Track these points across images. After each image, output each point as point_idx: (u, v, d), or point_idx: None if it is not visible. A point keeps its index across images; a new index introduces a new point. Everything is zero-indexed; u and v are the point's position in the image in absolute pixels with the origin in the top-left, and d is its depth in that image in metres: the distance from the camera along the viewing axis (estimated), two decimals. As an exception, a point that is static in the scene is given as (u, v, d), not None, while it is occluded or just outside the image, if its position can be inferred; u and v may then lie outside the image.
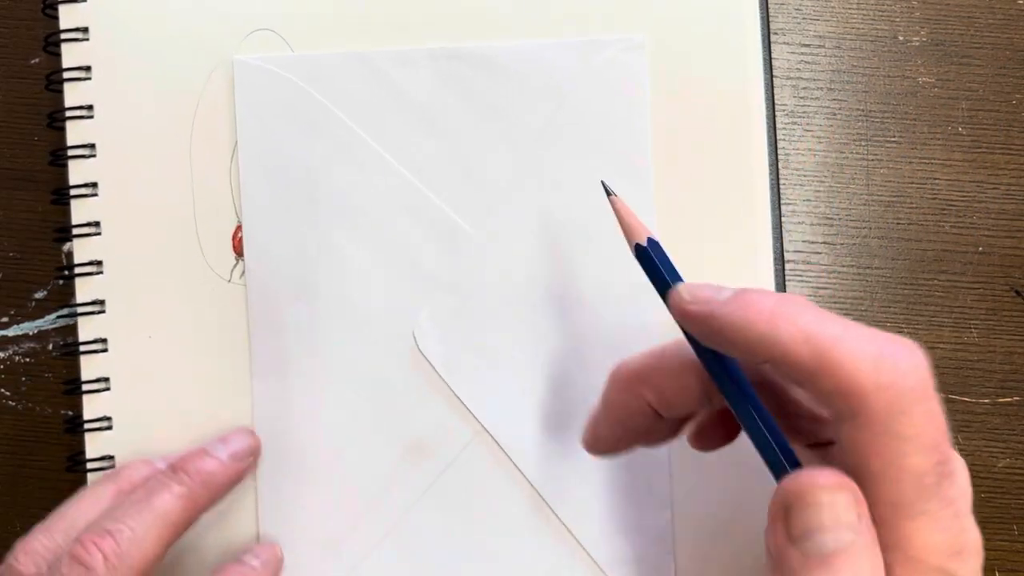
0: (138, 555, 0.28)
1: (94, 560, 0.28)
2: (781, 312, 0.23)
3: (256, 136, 0.35)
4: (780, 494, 0.23)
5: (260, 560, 0.33)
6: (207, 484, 0.31)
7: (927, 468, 0.22)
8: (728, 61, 0.35)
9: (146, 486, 0.30)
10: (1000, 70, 0.36)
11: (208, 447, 0.32)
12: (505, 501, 0.34)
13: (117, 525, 0.29)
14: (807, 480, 0.23)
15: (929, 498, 0.22)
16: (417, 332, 0.34)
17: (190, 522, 0.31)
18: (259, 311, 0.34)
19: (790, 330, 0.22)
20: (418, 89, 0.35)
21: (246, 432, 0.34)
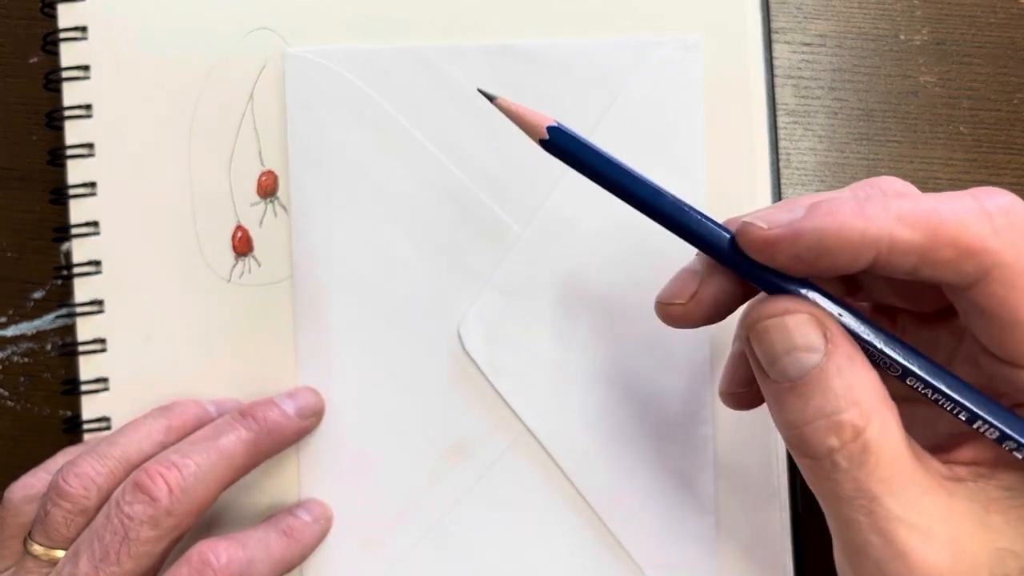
0: (200, 491, 0.29)
1: (159, 490, 0.28)
2: (868, 204, 0.21)
3: (305, 130, 0.35)
4: (741, 327, 0.23)
5: (312, 515, 0.33)
6: (272, 433, 0.31)
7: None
8: (729, 60, 0.34)
9: (214, 426, 0.31)
10: (1002, 69, 0.36)
11: (276, 399, 0.33)
12: (546, 502, 0.34)
13: (184, 459, 0.29)
14: (759, 307, 0.23)
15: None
16: (463, 331, 0.34)
17: (251, 468, 0.31)
18: (305, 306, 0.34)
19: (886, 218, 0.21)
20: (470, 85, 0.34)
21: (312, 391, 0.34)
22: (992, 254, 0.21)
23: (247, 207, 0.35)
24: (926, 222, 0.21)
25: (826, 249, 0.22)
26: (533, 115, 0.25)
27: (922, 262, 0.21)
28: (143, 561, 0.28)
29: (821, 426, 0.21)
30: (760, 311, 0.23)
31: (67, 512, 0.29)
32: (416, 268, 0.34)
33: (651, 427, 0.34)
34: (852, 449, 0.21)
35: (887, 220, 0.21)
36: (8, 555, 0.30)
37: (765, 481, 0.34)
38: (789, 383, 0.22)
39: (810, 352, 0.22)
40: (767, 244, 0.22)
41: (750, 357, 0.23)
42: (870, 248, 0.21)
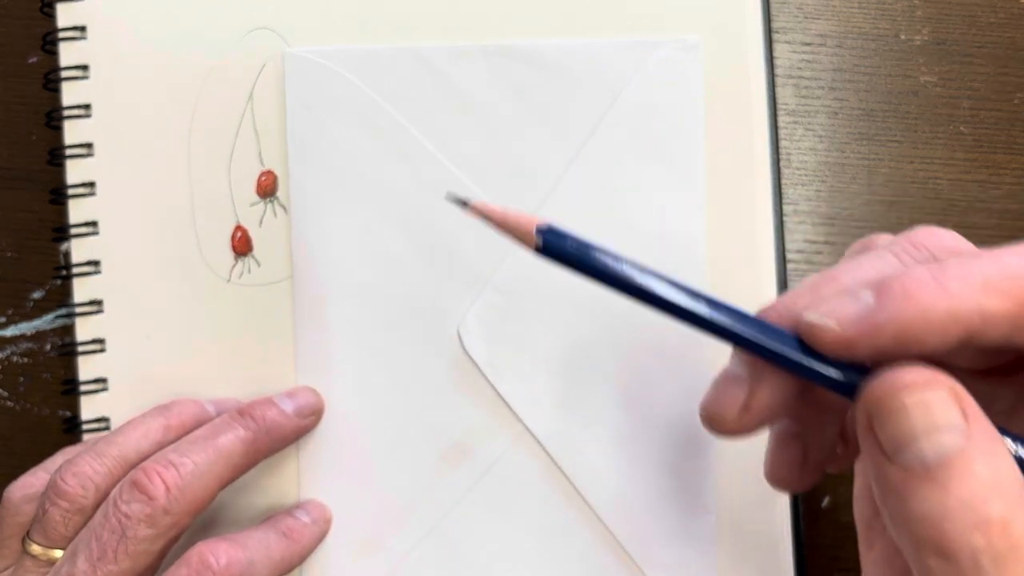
0: (198, 490, 0.29)
1: (156, 489, 0.28)
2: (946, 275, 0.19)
3: (305, 130, 0.35)
4: (862, 404, 0.20)
5: (311, 517, 0.33)
6: (271, 432, 0.31)
7: None
8: (729, 60, 0.34)
9: (212, 425, 0.31)
10: (1002, 69, 0.36)
11: (275, 398, 0.32)
12: (546, 503, 0.34)
13: (182, 458, 0.29)
14: (889, 382, 0.19)
15: None
16: (463, 331, 0.34)
17: (249, 467, 0.31)
18: (304, 307, 0.34)
19: (969, 290, 0.19)
20: (470, 85, 0.34)
21: (311, 390, 0.34)
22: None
23: (247, 207, 0.35)
24: (1013, 288, 0.19)
25: (913, 338, 0.19)
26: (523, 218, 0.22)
27: (1015, 330, 0.19)
28: (141, 560, 0.28)
29: (966, 521, 0.18)
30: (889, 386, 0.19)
31: (65, 511, 0.29)
32: (416, 268, 0.34)
33: (651, 427, 0.34)
34: (999, 547, 0.18)
35: (973, 292, 0.19)
36: (7, 555, 0.30)
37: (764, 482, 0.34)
38: (924, 471, 0.18)
39: (952, 433, 0.19)
40: (844, 346, 0.20)
41: (864, 439, 0.20)
42: (960, 327, 0.19)
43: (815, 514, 0.34)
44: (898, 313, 0.19)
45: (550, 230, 0.21)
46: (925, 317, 0.19)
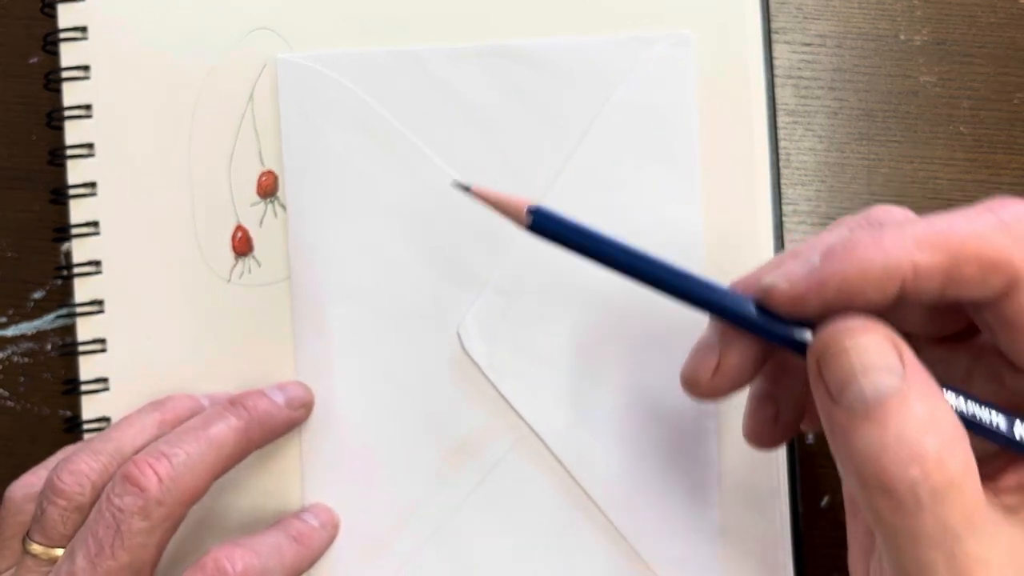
0: (190, 480, 0.29)
1: (148, 481, 0.28)
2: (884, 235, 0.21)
3: (300, 134, 0.35)
4: (810, 350, 0.22)
5: (319, 521, 0.33)
6: (262, 422, 0.31)
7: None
8: (728, 60, 0.34)
9: (203, 416, 0.31)
10: (1002, 69, 0.36)
11: (266, 390, 0.33)
12: (551, 501, 0.34)
13: (173, 449, 0.29)
14: (832, 329, 0.21)
15: None
16: (462, 332, 0.34)
17: (241, 457, 0.31)
18: (303, 311, 0.34)
19: (906, 246, 0.21)
20: (465, 86, 0.34)
21: (301, 384, 0.34)
22: (1017, 264, 0.21)
23: (247, 207, 0.35)
24: (945, 242, 0.21)
25: (854, 291, 0.21)
26: (514, 199, 0.24)
27: (948, 282, 0.21)
28: (138, 553, 0.28)
29: (903, 455, 0.19)
30: (832, 332, 0.21)
31: (62, 509, 0.29)
32: (415, 270, 0.34)
33: (654, 424, 0.34)
34: (936, 481, 0.19)
35: (906, 247, 0.21)
36: (9, 555, 0.30)
37: (766, 478, 0.34)
38: (864, 408, 0.20)
39: (889, 373, 0.20)
40: (794, 301, 0.22)
41: (814, 386, 0.22)
42: (895, 279, 0.21)
43: (815, 514, 0.34)
44: (840, 269, 0.21)
45: (539, 210, 0.24)
46: (863, 271, 0.21)
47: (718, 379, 0.24)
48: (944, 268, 0.21)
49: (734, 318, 0.24)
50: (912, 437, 0.20)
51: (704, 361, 0.25)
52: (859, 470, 0.20)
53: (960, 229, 0.21)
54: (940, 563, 0.20)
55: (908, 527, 0.20)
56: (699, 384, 0.25)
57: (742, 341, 0.24)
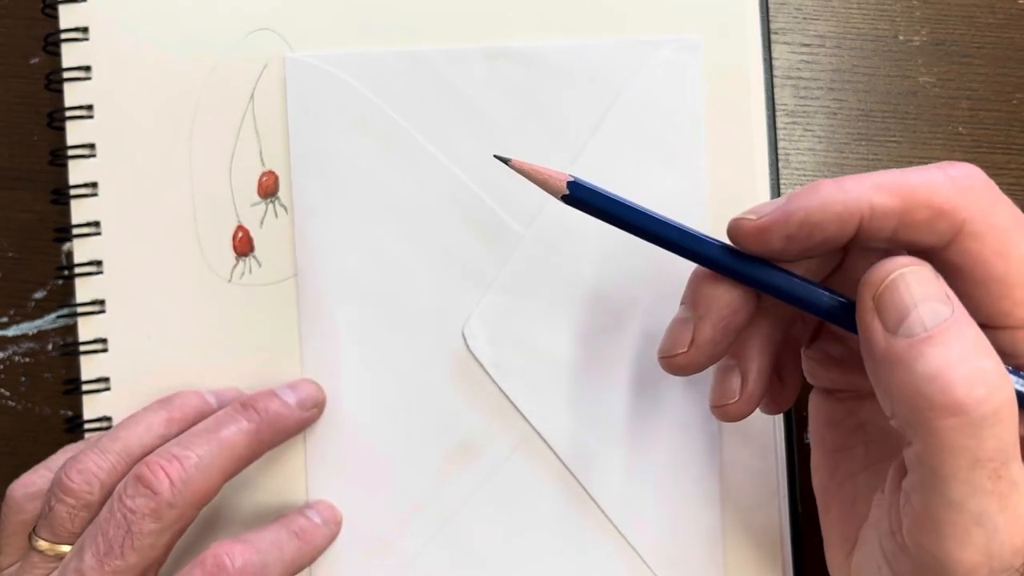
0: (202, 482, 0.29)
1: (160, 484, 0.28)
2: (843, 180, 0.24)
3: (307, 134, 0.35)
4: (865, 287, 0.23)
5: (322, 518, 0.33)
6: (274, 424, 0.31)
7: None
8: (728, 61, 0.34)
9: (215, 418, 0.31)
10: (1001, 69, 0.36)
11: (277, 390, 0.33)
12: (554, 502, 0.34)
13: (185, 452, 0.29)
14: (887, 264, 0.23)
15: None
16: (467, 332, 0.34)
17: (253, 459, 0.31)
18: (309, 311, 0.34)
19: (865, 188, 0.23)
20: (470, 87, 0.34)
21: (313, 383, 0.34)
22: (961, 211, 0.23)
23: (248, 207, 0.35)
24: (900, 188, 0.23)
25: (814, 224, 0.23)
26: (552, 173, 0.26)
27: (901, 225, 0.23)
28: (147, 553, 0.28)
29: (969, 374, 0.21)
30: (889, 266, 0.22)
31: (71, 508, 0.29)
32: (419, 270, 0.34)
33: (656, 425, 0.34)
34: (997, 401, 0.21)
35: (865, 189, 0.23)
36: (11, 552, 0.30)
37: (766, 478, 0.34)
38: (926, 335, 0.21)
39: (944, 302, 0.22)
40: (760, 231, 0.24)
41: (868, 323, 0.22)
42: (853, 215, 0.23)
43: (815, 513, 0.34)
44: (803, 204, 0.23)
45: (574, 181, 0.26)
46: (824, 205, 0.23)
47: (693, 351, 0.26)
48: (898, 211, 0.23)
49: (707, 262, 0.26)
50: (973, 358, 0.21)
51: (679, 336, 0.26)
52: (924, 393, 0.21)
53: (913, 179, 0.23)
54: (987, 484, 0.21)
55: (970, 447, 0.20)
56: (676, 358, 0.27)
57: (715, 314, 0.26)
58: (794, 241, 0.24)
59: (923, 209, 0.23)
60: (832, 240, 0.24)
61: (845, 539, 0.28)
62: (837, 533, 0.29)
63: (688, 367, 0.27)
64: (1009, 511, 0.21)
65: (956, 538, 0.21)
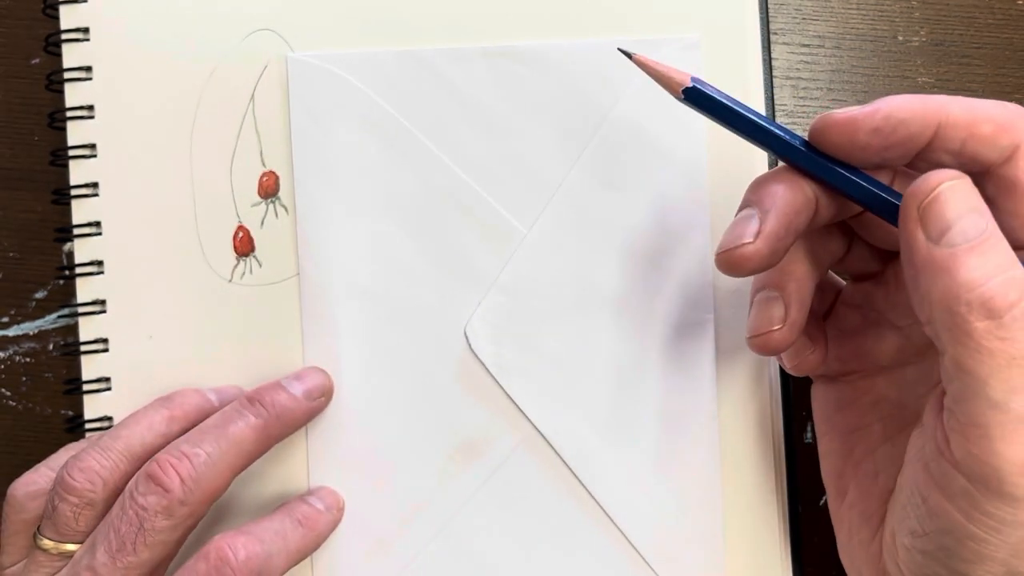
0: (212, 480, 0.29)
1: (171, 481, 0.28)
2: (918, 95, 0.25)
3: (309, 134, 0.35)
4: (910, 198, 0.24)
5: (324, 504, 0.33)
6: (281, 417, 0.31)
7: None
8: (727, 61, 0.35)
9: (222, 414, 0.31)
10: (1000, 70, 0.36)
11: (283, 382, 0.33)
12: (556, 501, 0.34)
13: (194, 449, 0.29)
14: (933, 178, 0.24)
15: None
16: (469, 332, 0.34)
17: (261, 453, 0.31)
18: (311, 310, 0.34)
19: (940, 101, 0.25)
20: (472, 87, 0.35)
21: (319, 371, 0.34)
22: (1021, 131, 0.25)
23: (248, 207, 0.35)
24: (970, 104, 0.25)
25: (899, 120, 0.25)
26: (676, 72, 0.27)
27: (969, 137, 0.25)
28: (159, 550, 0.28)
29: (1003, 280, 0.22)
30: (935, 177, 0.24)
31: (74, 506, 0.29)
32: (422, 270, 0.35)
33: (658, 425, 0.34)
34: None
35: (941, 102, 0.25)
36: (14, 551, 0.30)
37: (766, 478, 0.34)
38: (968, 244, 0.23)
39: (981, 215, 0.23)
40: (849, 122, 0.25)
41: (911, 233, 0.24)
42: (933, 118, 0.25)
43: (815, 514, 0.35)
44: (887, 103, 0.25)
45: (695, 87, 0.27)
46: (907, 106, 0.25)
47: (760, 243, 0.26)
48: (968, 122, 0.25)
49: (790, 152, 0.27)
50: (1007, 266, 0.22)
51: (745, 228, 0.26)
52: (964, 298, 0.22)
53: (979, 101, 0.26)
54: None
55: (1005, 348, 0.22)
56: (741, 249, 0.26)
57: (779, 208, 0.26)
58: (879, 134, 0.25)
59: (988, 123, 0.25)
60: (912, 139, 0.25)
61: (868, 516, 0.28)
62: (858, 513, 0.29)
63: (752, 259, 0.26)
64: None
65: (1004, 439, 0.22)
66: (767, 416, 0.34)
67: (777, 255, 0.27)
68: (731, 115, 0.27)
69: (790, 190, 0.26)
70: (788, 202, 0.26)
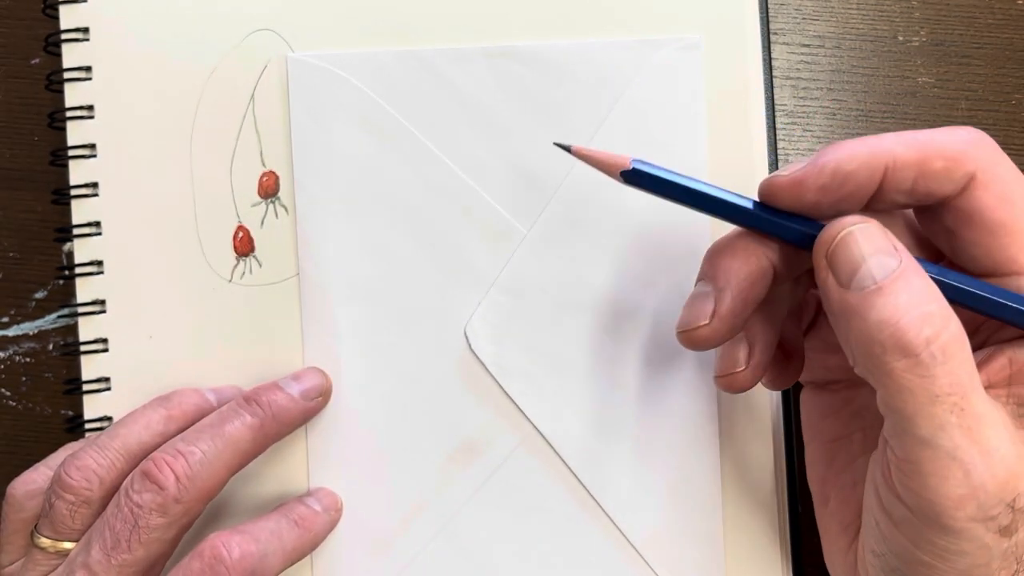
0: (207, 478, 0.29)
1: (166, 479, 0.28)
2: (865, 139, 0.25)
3: (309, 134, 0.35)
4: (818, 247, 0.24)
5: (322, 505, 0.33)
6: (278, 417, 0.31)
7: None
8: (728, 61, 0.35)
9: (219, 413, 0.31)
10: (1000, 70, 0.36)
11: (281, 382, 0.33)
12: (556, 502, 0.34)
13: (189, 447, 0.29)
14: (836, 224, 0.24)
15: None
16: (469, 332, 0.34)
17: (257, 453, 0.31)
18: (312, 310, 0.34)
19: (883, 143, 0.25)
20: (472, 87, 0.35)
21: (317, 371, 0.34)
22: (973, 160, 0.25)
23: (248, 207, 0.35)
24: (916, 141, 0.25)
25: (846, 174, 0.25)
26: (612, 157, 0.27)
27: (919, 175, 0.25)
28: (154, 547, 0.28)
29: (916, 317, 0.22)
30: (838, 225, 0.24)
31: (71, 504, 0.29)
32: (422, 270, 0.35)
33: (658, 425, 0.34)
34: (945, 339, 0.22)
35: (887, 142, 0.25)
36: (13, 549, 0.30)
37: (766, 478, 0.34)
38: (875, 286, 0.23)
39: (890, 255, 0.23)
40: (795, 184, 0.25)
41: (824, 279, 0.24)
42: (880, 163, 0.25)
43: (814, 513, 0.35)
44: (832, 156, 0.25)
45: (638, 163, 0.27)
46: (853, 155, 0.25)
47: (716, 323, 0.26)
48: (917, 161, 0.25)
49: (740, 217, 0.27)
50: (920, 303, 0.22)
51: (701, 308, 0.27)
52: (877, 339, 0.22)
53: (927, 134, 0.25)
54: (953, 416, 0.22)
55: (925, 386, 0.22)
56: (697, 331, 0.27)
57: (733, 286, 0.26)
58: (827, 191, 0.25)
59: (939, 159, 0.25)
60: (862, 189, 0.25)
61: (847, 526, 0.28)
62: (838, 521, 0.29)
63: (709, 339, 0.27)
64: (981, 444, 0.22)
65: (936, 475, 0.22)
66: (767, 416, 0.34)
67: (736, 328, 0.27)
68: (676, 190, 0.27)
69: (745, 264, 0.26)
70: (743, 278, 0.26)
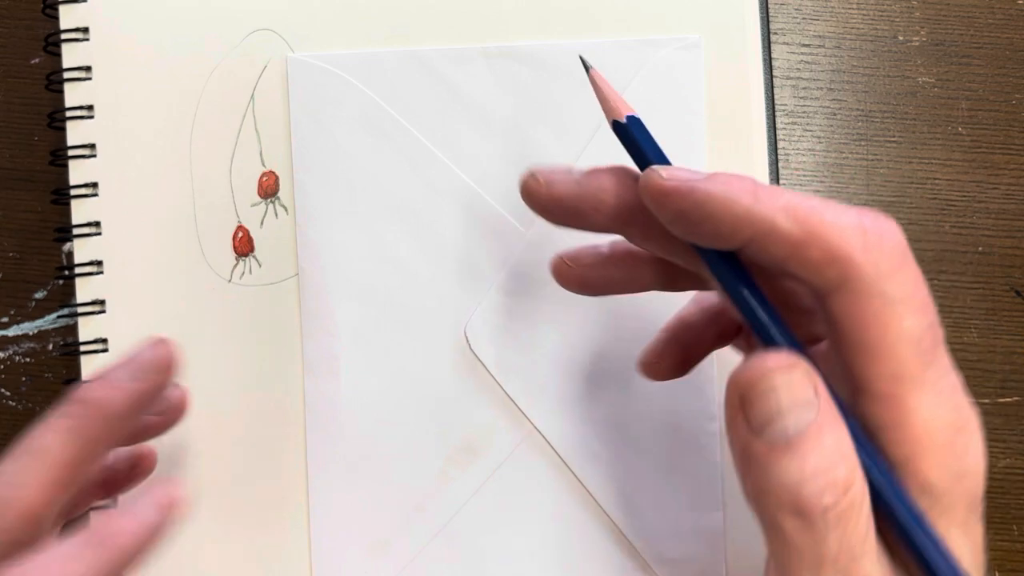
0: (20, 499, 0.25)
1: None
2: (762, 188, 0.22)
3: (309, 134, 0.35)
4: (733, 385, 0.22)
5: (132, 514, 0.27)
6: (101, 410, 0.27)
7: (922, 329, 0.21)
8: (728, 61, 0.35)
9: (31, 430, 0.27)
10: (1000, 70, 0.36)
11: (105, 369, 0.28)
12: (555, 501, 0.34)
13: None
14: (758, 366, 0.22)
15: (928, 364, 0.21)
16: (469, 332, 0.34)
17: (86, 456, 0.26)
18: (311, 310, 0.34)
19: (773, 203, 0.22)
20: (472, 87, 0.35)
21: (154, 343, 0.28)
22: (854, 266, 0.21)
23: (248, 207, 0.35)
24: (807, 219, 0.21)
25: (709, 214, 0.22)
26: (620, 100, 0.26)
27: (792, 256, 0.22)
28: None
29: (819, 484, 0.20)
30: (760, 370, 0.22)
31: None
32: (422, 270, 0.35)
33: (658, 425, 0.34)
34: (843, 506, 0.21)
35: (774, 206, 0.22)
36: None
37: None
38: (786, 442, 0.21)
39: (808, 408, 0.21)
40: (660, 193, 0.23)
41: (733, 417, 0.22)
42: (750, 226, 0.22)
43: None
44: (710, 188, 0.22)
45: (635, 119, 0.25)
46: (726, 203, 0.22)
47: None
48: (794, 241, 0.21)
49: None
50: (826, 468, 0.20)
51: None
52: (775, 497, 0.21)
53: (826, 216, 0.22)
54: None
55: (814, 548, 0.21)
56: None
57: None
58: (682, 219, 0.23)
59: (818, 249, 0.21)
60: (720, 237, 0.22)
61: None
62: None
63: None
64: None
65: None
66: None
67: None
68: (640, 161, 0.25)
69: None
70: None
